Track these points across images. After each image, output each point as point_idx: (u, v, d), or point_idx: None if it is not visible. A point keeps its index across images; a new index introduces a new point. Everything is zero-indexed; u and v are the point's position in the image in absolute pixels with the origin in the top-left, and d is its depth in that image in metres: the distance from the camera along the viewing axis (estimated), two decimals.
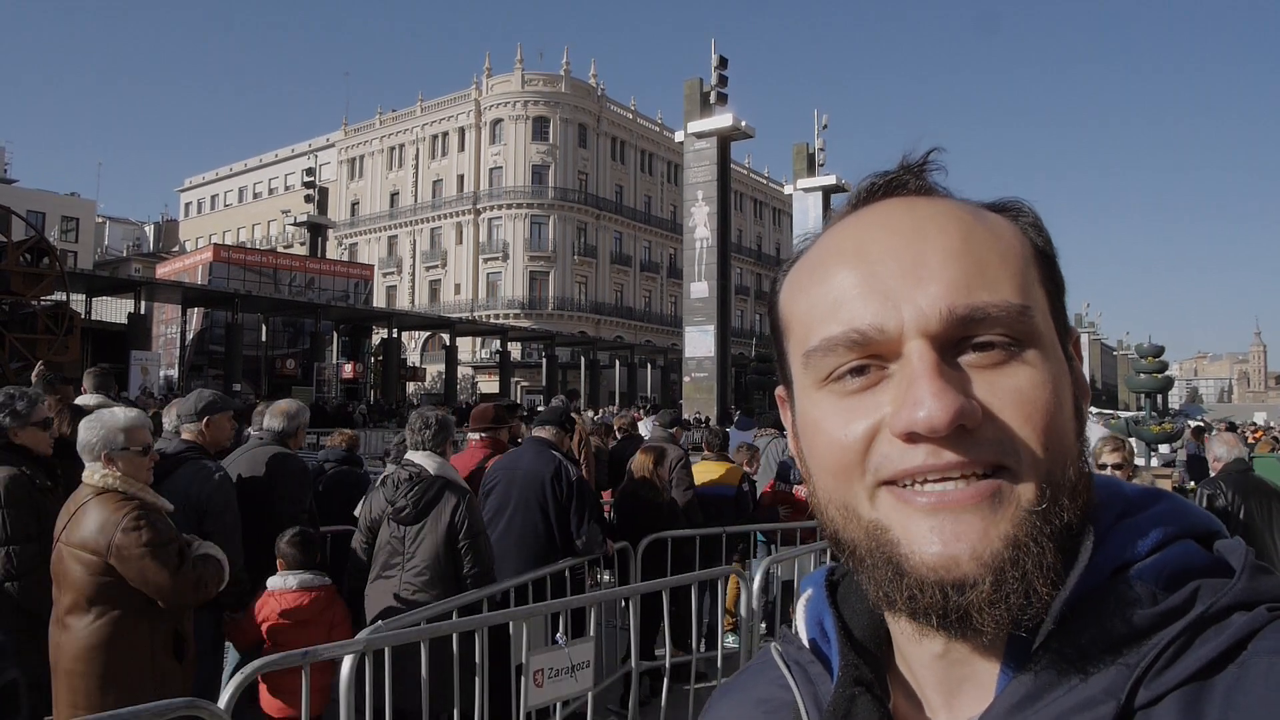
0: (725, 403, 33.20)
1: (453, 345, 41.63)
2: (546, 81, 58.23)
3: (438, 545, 4.23)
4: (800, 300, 0.61)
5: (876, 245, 0.57)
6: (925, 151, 0.63)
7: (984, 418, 0.53)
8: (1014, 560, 0.51)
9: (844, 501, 0.57)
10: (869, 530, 0.56)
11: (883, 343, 0.55)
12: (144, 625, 3.28)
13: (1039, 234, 0.62)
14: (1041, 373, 0.55)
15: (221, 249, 44.82)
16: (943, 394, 0.52)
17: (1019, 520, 0.52)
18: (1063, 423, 0.55)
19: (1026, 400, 0.54)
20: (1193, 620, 0.51)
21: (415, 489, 4.27)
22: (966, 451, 0.52)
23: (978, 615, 0.52)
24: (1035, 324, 0.56)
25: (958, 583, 0.52)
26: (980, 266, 0.56)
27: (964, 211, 0.59)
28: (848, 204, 0.64)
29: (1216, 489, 5.72)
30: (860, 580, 0.58)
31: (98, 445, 3.33)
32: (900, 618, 0.58)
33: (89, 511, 3.26)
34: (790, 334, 0.63)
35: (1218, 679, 0.49)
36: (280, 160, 70.02)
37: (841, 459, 0.56)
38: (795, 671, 0.66)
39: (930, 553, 0.52)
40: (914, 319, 0.54)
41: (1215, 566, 0.55)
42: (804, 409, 0.61)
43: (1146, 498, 0.60)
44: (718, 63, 35.04)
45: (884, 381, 0.56)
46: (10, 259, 18.80)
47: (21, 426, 4.01)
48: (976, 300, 0.54)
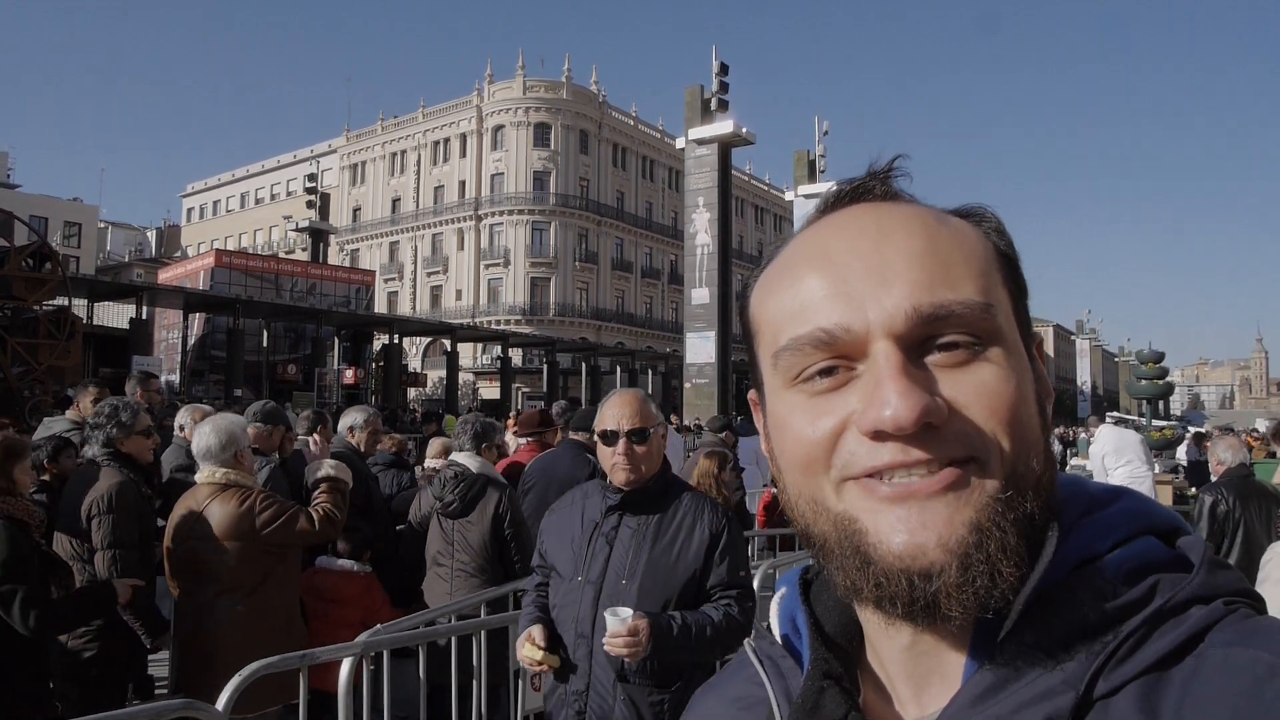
0: (726, 409, 33.19)
1: (454, 351, 41.63)
2: (548, 88, 58.34)
3: (484, 536, 4.56)
4: (769, 303, 0.63)
5: (842, 248, 0.59)
6: (890, 159, 0.64)
7: (950, 413, 0.54)
8: (978, 544, 0.52)
9: (812, 496, 0.58)
10: (837, 522, 0.57)
11: (849, 342, 0.56)
12: (284, 591, 3.76)
13: (1001, 238, 0.63)
14: (1005, 369, 0.56)
15: (223, 254, 44.86)
16: (909, 393, 0.53)
17: (982, 506, 0.53)
18: (1026, 416, 0.56)
19: (991, 394, 0.55)
20: (1151, 613, 0.53)
21: (461, 486, 4.61)
22: (933, 449, 0.53)
23: (945, 602, 0.52)
24: (998, 322, 0.57)
25: (924, 571, 0.53)
26: (944, 267, 0.57)
27: (928, 216, 0.60)
28: (815, 210, 0.66)
29: (1218, 494, 5.71)
30: (829, 573, 0.59)
31: (229, 447, 3.72)
32: (868, 608, 0.59)
33: (223, 507, 3.62)
34: (760, 336, 0.64)
35: (1175, 670, 0.51)
36: (282, 166, 70.15)
37: (809, 454, 0.58)
38: (767, 666, 0.68)
39: (897, 542, 0.53)
40: (879, 319, 0.55)
41: (1175, 562, 0.57)
42: (774, 408, 0.62)
43: (1110, 495, 0.62)
44: (719, 69, 35.11)
45: (852, 382, 0.57)
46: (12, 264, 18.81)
47: (127, 436, 4.19)
48: (940, 299, 0.55)
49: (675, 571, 2.58)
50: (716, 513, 2.70)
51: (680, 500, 2.72)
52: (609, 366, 48.95)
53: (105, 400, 4.43)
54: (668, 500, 2.72)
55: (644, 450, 2.64)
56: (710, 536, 2.63)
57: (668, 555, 2.60)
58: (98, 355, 29.60)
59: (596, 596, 2.59)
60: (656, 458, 2.70)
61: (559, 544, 2.78)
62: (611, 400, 2.73)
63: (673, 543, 2.62)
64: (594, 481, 2.89)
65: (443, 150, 60.73)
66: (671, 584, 2.57)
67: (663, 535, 2.63)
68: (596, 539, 2.67)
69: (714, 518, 2.68)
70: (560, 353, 46.06)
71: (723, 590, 2.62)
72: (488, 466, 4.82)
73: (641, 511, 2.68)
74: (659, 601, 2.55)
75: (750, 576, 2.77)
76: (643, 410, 2.67)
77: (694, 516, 2.67)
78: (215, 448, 3.71)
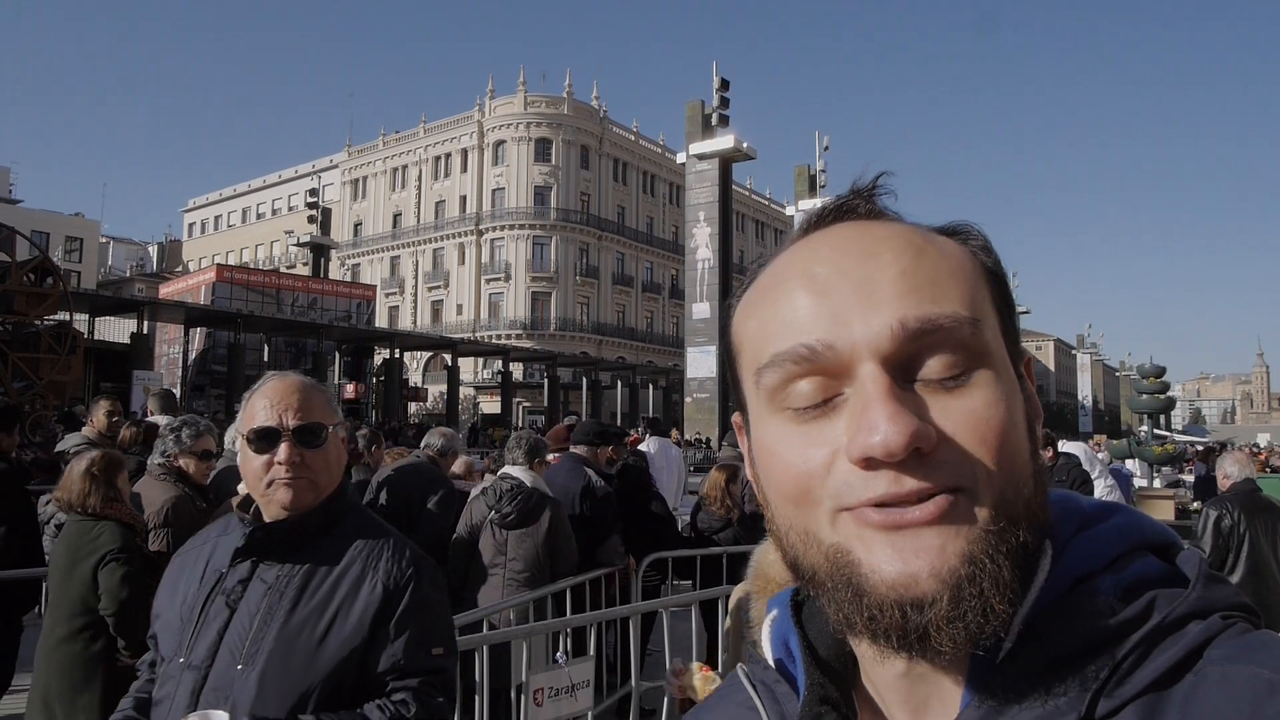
0: (726, 424, 33.13)
1: (455, 366, 41.66)
2: (549, 103, 58.65)
3: (537, 546, 4.85)
4: (750, 321, 0.61)
5: (827, 265, 0.58)
6: (874, 176, 0.63)
7: (939, 441, 0.53)
8: (971, 577, 0.52)
9: (804, 528, 0.57)
10: (829, 554, 0.55)
11: (832, 360, 0.55)
12: None
13: (988, 255, 0.62)
14: (994, 392, 0.55)
15: (224, 269, 45.04)
16: (897, 417, 0.51)
17: (975, 538, 0.52)
18: (1017, 441, 0.55)
19: (980, 421, 0.54)
20: (1150, 630, 0.52)
21: (519, 499, 4.90)
22: (925, 476, 0.52)
23: (935, 634, 0.51)
24: (986, 339, 0.56)
25: (916, 601, 0.52)
26: (931, 283, 0.56)
27: (913, 234, 0.59)
28: (799, 229, 0.65)
29: (1223, 508, 5.69)
30: (821, 605, 0.58)
31: None
32: (862, 641, 0.58)
33: None
34: (742, 355, 0.62)
35: (1175, 688, 0.50)
36: (284, 181, 70.47)
37: (800, 486, 0.56)
38: (761, 692, 0.67)
39: (890, 571, 0.52)
40: (865, 338, 0.54)
41: (1172, 577, 0.56)
42: (759, 435, 0.60)
43: (1103, 511, 0.61)
44: (719, 85, 35.28)
45: (839, 408, 0.55)
46: (14, 279, 18.87)
47: (184, 453, 4.36)
48: (926, 313, 0.54)
49: (322, 651, 1.70)
50: (400, 560, 1.81)
51: (348, 541, 1.82)
52: (610, 381, 48.95)
53: (177, 418, 4.62)
54: (331, 541, 1.82)
55: (318, 458, 1.79)
56: (383, 596, 1.76)
57: (313, 625, 1.72)
58: (99, 370, 29.66)
59: (196, 690, 1.70)
60: (335, 471, 1.85)
61: (169, 604, 1.86)
62: (264, 388, 1.84)
63: (324, 606, 1.74)
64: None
65: (444, 165, 60.98)
66: (314, 670, 1.69)
67: (310, 594, 1.75)
68: (215, 598, 1.78)
69: (394, 567, 1.79)
70: (561, 367, 46.09)
71: (398, 679, 1.74)
72: (540, 481, 5.12)
73: (287, 557, 1.78)
74: (291, 698, 1.67)
75: (450, 658, 1.86)
76: (313, 399, 1.83)
77: (364, 565, 1.78)
78: None
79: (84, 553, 3.55)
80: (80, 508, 3.64)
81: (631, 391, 48.05)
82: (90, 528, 3.61)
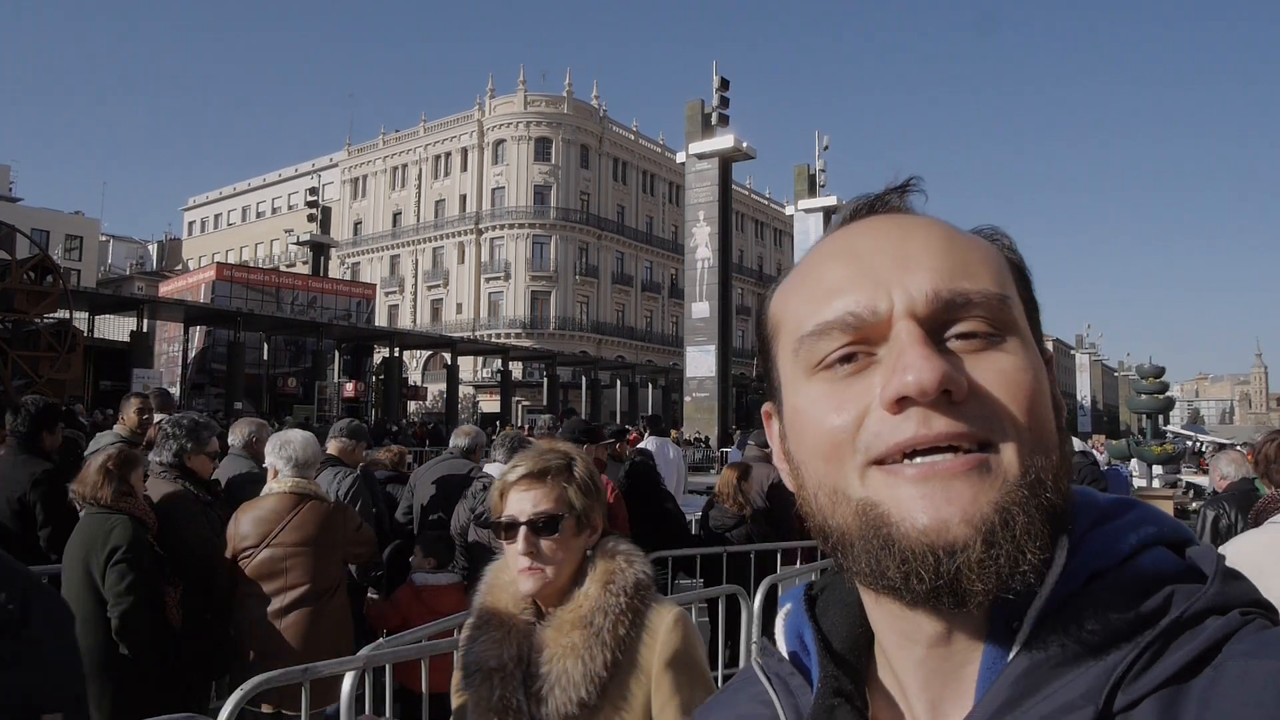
0: (726, 423, 33.17)
1: (454, 364, 41.66)
2: (549, 102, 58.64)
3: None
4: (791, 298, 0.64)
5: (866, 242, 0.61)
6: (907, 178, 0.66)
7: (970, 393, 0.55)
8: (1004, 523, 0.53)
9: (834, 486, 0.58)
10: (859, 509, 0.56)
11: (874, 324, 0.57)
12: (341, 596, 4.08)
13: (1014, 254, 0.65)
14: (1023, 359, 0.57)
15: (224, 268, 45.01)
16: (930, 358, 0.53)
17: (1008, 490, 0.53)
18: (1044, 408, 0.57)
19: (1011, 381, 0.56)
20: (1168, 625, 0.52)
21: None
22: (954, 421, 0.54)
23: (968, 576, 0.52)
24: (1014, 315, 0.58)
25: (949, 546, 0.52)
26: (963, 262, 0.59)
27: (946, 225, 0.63)
28: (836, 223, 0.67)
29: (1220, 509, 5.70)
30: (849, 565, 0.58)
31: (313, 459, 4.12)
32: (887, 598, 0.58)
33: (310, 514, 3.95)
34: (781, 330, 0.65)
35: (1194, 683, 0.50)
36: (284, 180, 70.43)
37: (832, 439, 0.58)
38: (776, 684, 0.67)
39: (921, 519, 0.53)
40: (902, 300, 0.57)
41: (1188, 573, 0.56)
42: (792, 401, 0.62)
43: (1119, 506, 0.61)
44: (719, 84, 35.29)
45: (872, 366, 0.57)
46: (14, 277, 18.88)
47: (196, 453, 4.40)
48: (959, 286, 0.57)
49: None
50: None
51: None
52: (609, 380, 48.96)
53: (188, 416, 4.68)
54: None
55: None
56: None
57: None
58: (98, 368, 29.62)
59: None
60: None
61: None
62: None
63: None
64: None
65: (444, 164, 60.96)
66: None
67: None
68: None
69: None
70: (561, 366, 46.08)
71: None
72: None
73: None
74: None
75: None
76: None
77: None
78: (305, 460, 4.05)
79: (96, 545, 3.64)
80: (94, 500, 3.74)
81: (631, 391, 48.05)
82: (104, 521, 3.69)
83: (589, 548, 1.83)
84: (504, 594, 1.84)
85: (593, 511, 1.86)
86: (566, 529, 1.79)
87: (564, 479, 1.82)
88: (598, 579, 1.77)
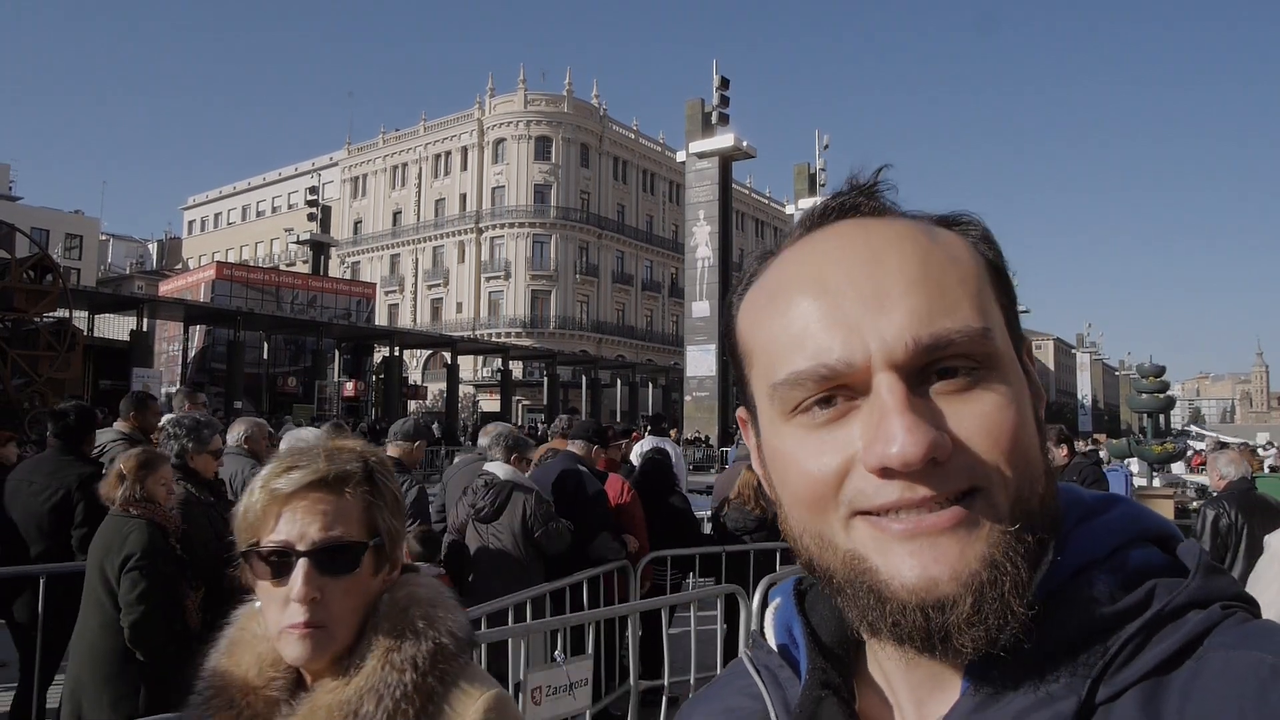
0: (726, 422, 33.16)
1: (454, 364, 41.66)
2: (549, 101, 58.63)
3: (515, 537, 4.90)
4: (761, 330, 0.62)
5: (836, 273, 0.58)
6: (875, 171, 0.64)
7: (954, 447, 0.54)
8: (992, 581, 0.52)
9: (818, 532, 0.58)
10: (846, 560, 0.56)
11: (850, 375, 0.55)
12: None
13: (990, 247, 0.63)
14: (1005, 395, 0.56)
15: (224, 267, 45.00)
16: (915, 428, 0.52)
17: (994, 540, 0.53)
18: (1028, 440, 0.56)
19: (994, 425, 0.55)
20: (1150, 618, 0.53)
21: (490, 492, 4.97)
22: (939, 484, 0.53)
23: (958, 635, 0.52)
24: (996, 345, 0.57)
25: (938, 603, 0.52)
26: (940, 291, 0.56)
27: (919, 233, 0.59)
28: (800, 227, 0.64)
29: (1220, 508, 5.70)
30: (840, 605, 0.59)
31: None
32: (885, 643, 0.58)
33: None
34: (753, 362, 0.63)
35: (1175, 674, 0.51)
36: (284, 179, 70.44)
37: (814, 491, 0.57)
38: (765, 676, 0.68)
39: (910, 577, 0.53)
40: (880, 350, 0.55)
41: (1172, 567, 0.57)
42: (771, 441, 0.61)
43: (1105, 503, 0.62)
44: (719, 83, 35.29)
45: (852, 413, 0.56)
46: (14, 276, 18.83)
47: (198, 452, 4.41)
48: (939, 329, 0.55)
49: None
50: None
51: None
52: (609, 379, 48.96)
53: (189, 416, 4.68)
54: None
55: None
56: None
57: None
58: (98, 367, 29.60)
59: None
60: None
61: None
62: None
63: None
64: None
65: (444, 163, 60.96)
66: None
67: None
68: None
69: None
70: (561, 365, 46.09)
71: None
72: (516, 474, 5.14)
73: None
74: None
75: None
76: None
77: None
78: None
79: (112, 550, 3.62)
80: (117, 500, 3.74)
81: (631, 390, 48.05)
82: (121, 525, 3.67)
83: (383, 592, 1.29)
84: (248, 654, 1.29)
85: (398, 540, 1.34)
86: (365, 566, 1.26)
87: (366, 490, 1.29)
88: (380, 644, 1.23)
